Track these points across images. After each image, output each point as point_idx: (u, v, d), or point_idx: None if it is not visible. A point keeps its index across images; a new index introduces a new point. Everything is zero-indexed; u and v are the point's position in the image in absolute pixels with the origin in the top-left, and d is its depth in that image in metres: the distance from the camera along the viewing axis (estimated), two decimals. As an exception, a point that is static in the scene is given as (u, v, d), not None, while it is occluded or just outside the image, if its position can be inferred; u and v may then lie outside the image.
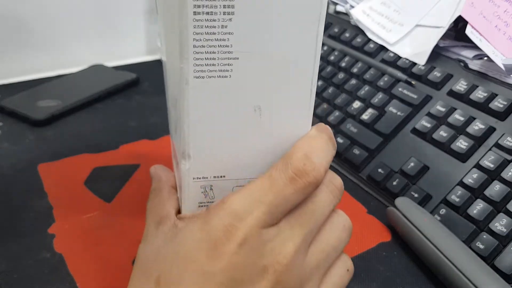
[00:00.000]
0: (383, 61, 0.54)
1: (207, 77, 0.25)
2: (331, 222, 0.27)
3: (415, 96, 0.49)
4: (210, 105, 0.25)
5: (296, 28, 0.25)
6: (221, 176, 0.27)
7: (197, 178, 0.27)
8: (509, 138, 0.41)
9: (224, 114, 0.26)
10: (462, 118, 0.44)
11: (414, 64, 0.51)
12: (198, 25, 0.23)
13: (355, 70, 0.55)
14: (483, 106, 0.44)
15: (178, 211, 0.29)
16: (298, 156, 0.25)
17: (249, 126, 0.26)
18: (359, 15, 0.59)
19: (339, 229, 0.28)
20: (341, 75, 0.56)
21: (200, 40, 0.24)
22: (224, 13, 0.23)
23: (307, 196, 0.25)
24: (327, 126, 0.28)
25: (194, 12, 0.23)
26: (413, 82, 0.50)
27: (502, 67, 0.45)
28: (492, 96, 0.44)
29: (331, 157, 0.27)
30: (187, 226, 0.25)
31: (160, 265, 0.25)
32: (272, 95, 0.26)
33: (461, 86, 0.47)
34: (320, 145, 0.26)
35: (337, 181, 0.28)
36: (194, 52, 0.24)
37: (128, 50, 0.77)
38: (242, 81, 0.25)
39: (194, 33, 0.23)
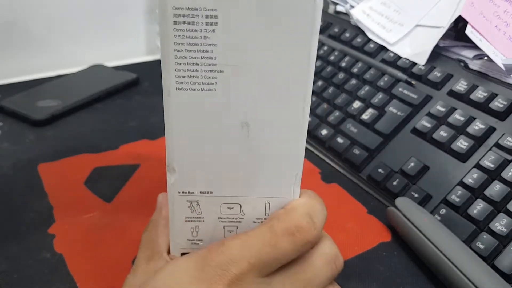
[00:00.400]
0: (383, 61, 0.54)
1: (190, 89, 0.24)
2: None
3: (415, 96, 0.49)
4: (194, 118, 0.24)
5: (286, 41, 0.23)
6: (208, 192, 0.27)
7: (183, 192, 0.26)
8: (509, 138, 0.41)
9: (210, 128, 0.25)
10: (462, 118, 0.44)
11: (414, 64, 0.52)
12: (179, 35, 0.23)
13: (355, 70, 0.55)
14: (483, 106, 0.44)
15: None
16: (301, 213, 0.26)
17: (236, 143, 0.25)
18: (359, 15, 0.59)
19: None
20: (341, 75, 0.56)
21: (182, 50, 0.23)
22: (206, 23, 0.23)
23: (302, 254, 0.26)
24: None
25: (174, 21, 0.22)
26: (413, 82, 0.50)
27: (502, 67, 0.45)
28: (492, 96, 0.44)
29: (325, 220, 0.27)
30: (180, 265, 0.25)
31: None
32: (261, 112, 0.24)
33: (461, 86, 0.47)
34: (319, 207, 0.27)
35: (340, 261, 0.28)
36: (176, 63, 0.23)
37: (128, 50, 0.77)
38: (228, 96, 0.24)
39: (175, 43, 0.23)
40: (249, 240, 0.25)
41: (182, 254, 0.28)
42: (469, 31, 0.50)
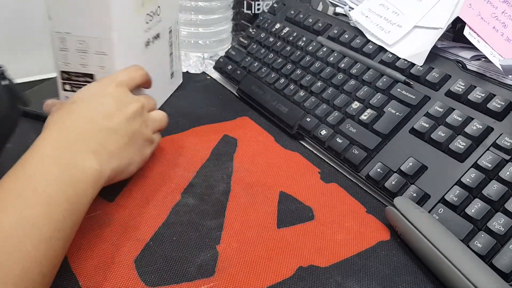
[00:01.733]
0: (382, 62, 0.55)
1: None
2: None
3: (414, 97, 0.49)
4: None
5: None
6: (67, 33, 0.47)
7: (56, 32, 0.47)
8: (507, 138, 0.41)
9: None
10: (460, 118, 0.45)
11: (413, 65, 0.52)
12: None
13: (354, 71, 0.55)
14: (481, 107, 0.45)
15: None
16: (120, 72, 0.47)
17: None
18: (358, 16, 0.60)
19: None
20: (340, 76, 0.56)
21: None
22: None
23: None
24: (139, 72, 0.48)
25: None
26: (411, 83, 0.51)
27: (500, 67, 0.46)
28: (490, 97, 0.45)
29: (135, 77, 0.47)
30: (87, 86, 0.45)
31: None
32: None
33: (459, 86, 0.47)
34: (125, 71, 0.47)
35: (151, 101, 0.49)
36: None
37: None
38: None
39: None
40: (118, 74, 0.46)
41: (61, 71, 0.49)
42: (467, 32, 0.50)
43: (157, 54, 0.58)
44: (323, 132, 0.53)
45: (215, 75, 0.72)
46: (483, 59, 0.52)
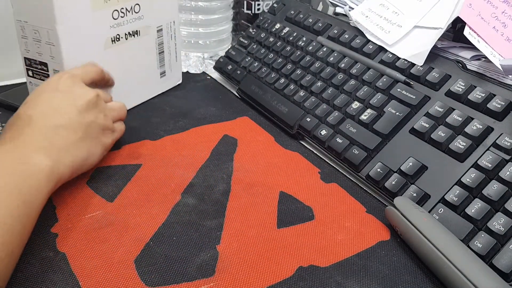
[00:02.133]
0: (382, 62, 0.55)
1: None
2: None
3: (414, 97, 0.49)
4: None
5: None
6: (25, 21, 0.49)
7: (17, 20, 0.50)
8: (507, 138, 0.41)
9: None
10: (460, 118, 0.45)
11: (413, 65, 0.52)
12: None
13: (354, 71, 0.55)
14: (481, 107, 0.45)
15: None
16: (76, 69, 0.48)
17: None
18: (358, 16, 0.60)
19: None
20: (340, 76, 0.56)
21: None
22: None
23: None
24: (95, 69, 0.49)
25: None
26: (411, 83, 0.51)
27: (500, 67, 0.46)
28: (490, 97, 0.45)
29: (89, 71, 0.48)
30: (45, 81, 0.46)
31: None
32: None
33: (459, 86, 0.47)
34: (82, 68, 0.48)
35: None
36: None
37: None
38: None
39: None
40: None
41: (24, 57, 0.52)
42: (467, 32, 0.50)
43: (134, 51, 0.58)
44: (323, 132, 0.53)
45: (215, 75, 0.72)
46: (483, 59, 0.52)
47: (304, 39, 0.63)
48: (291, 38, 0.65)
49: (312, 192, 0.47)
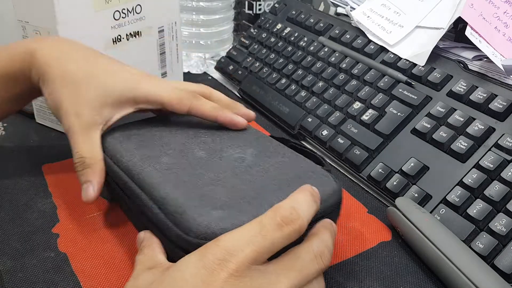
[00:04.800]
0: (384, 62, 0.54)
1: None
2: (312, 284, 0.29)
3: (415, 97, 0.49)
4: None
5: None
6: (26, 21, 0.49)
7: (19, 20, 0.50)
8: (508, 139, 0.41)
9: None
10: (461, 119, 0.45)
11: (414, 65, 0.52)
12: None
13: (355, 71, 0.55)
14: (482, 107, 0.45)
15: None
16: (286, 207, 0.29)
17: None
18: (360, 16, 0.60)
19: None
20: (341, 76, 0.56)
21: None
22: None
23: (290, 241, 0.28)
24: (312, 187, 0.32)
25: None
26: (413, 83, 0.51)
27: (502, 68, 0.46)
28: (491, 97, 0.45)
29: (314, 211, 0.30)
30: (182, 261, 0.28)
31: None
32: None
33: (460, 87, 0.47)
34: (303, 199, 0.30)
35: (326, 257, 0.30)
36: None
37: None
38: None
39: None
40: (242, 233, 0.28)
41: None
42: (468, 33, 0.50)
43: (136, 51, 0.58)
44: (325, 132, 0.53)
45: (217, 75, 0.72)
46: (485, 59, 0.52)
47: (306, 39, 0.63)
48: (292, 38, 0.65)
49: (313, 192, 0.47)
